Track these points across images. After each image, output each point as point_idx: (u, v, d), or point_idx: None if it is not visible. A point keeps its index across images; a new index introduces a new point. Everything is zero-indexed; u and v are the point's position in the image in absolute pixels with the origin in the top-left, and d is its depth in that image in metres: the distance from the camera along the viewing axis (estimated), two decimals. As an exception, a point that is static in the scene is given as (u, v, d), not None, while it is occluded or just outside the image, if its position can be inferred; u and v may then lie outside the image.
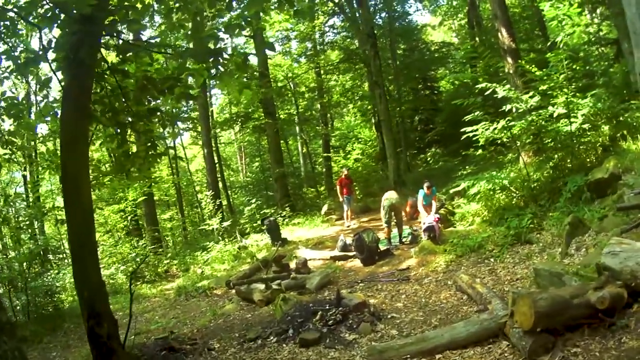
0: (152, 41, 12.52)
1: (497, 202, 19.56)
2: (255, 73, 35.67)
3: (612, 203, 14.09)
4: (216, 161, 42.67)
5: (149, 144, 12.23)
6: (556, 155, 18.81)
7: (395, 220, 21.15)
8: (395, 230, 21.27)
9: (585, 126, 17.85)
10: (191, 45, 12.41)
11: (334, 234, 26.35)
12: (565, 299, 8.05)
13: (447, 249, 17.51)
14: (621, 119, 19.44)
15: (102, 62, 10.71)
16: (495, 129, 18.28)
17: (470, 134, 19.14)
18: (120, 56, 11.08)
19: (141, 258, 26.50)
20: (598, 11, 27.11)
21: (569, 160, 18.28)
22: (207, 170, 39.32)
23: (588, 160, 18.65)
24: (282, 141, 42.54)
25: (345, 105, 51.37)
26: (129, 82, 11.53)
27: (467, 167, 24.87)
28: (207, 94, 41.35)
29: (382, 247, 20.04)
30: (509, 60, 23.03)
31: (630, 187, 13.69)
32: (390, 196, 20.93)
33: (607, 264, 8.51)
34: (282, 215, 31.72)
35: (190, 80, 12.42)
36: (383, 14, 44.47)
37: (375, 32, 38.52)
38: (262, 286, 16.96)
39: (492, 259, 15.35)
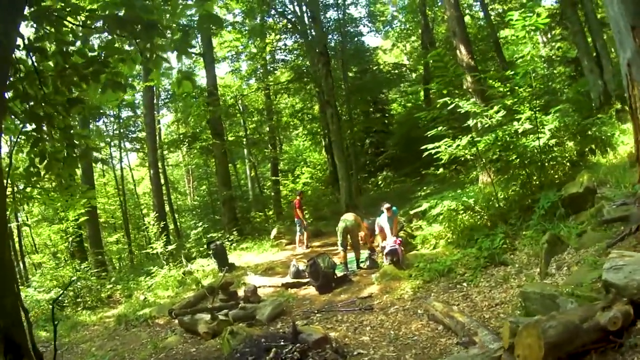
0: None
1: (462, 223, 18.56)
2: (204, 93, 35.72)
3: (590, 217, 13.58)
4: (163, 183, 41.66)
5: (68, 144, 9.78)
6: (523, 172, 18.00)
7: (351, 244, 19.88)
8: (351, 255, 19.92)
9: (552, 142, 17.63)
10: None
11: (285, 259, 24.98)
12: (575, 324, 6.98)
13: (412, 274, 16.19)
14: (589, 133, 19.60)
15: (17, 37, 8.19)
16: (458, 145, 17.51)
17: (433, 151, 18.18)
18: (35, 26, 8.72)
19: (74, 282, 24.37)
20: (554, 32, 26.34)
21: (535, 177, 17.81)
22: (153, 192, 37.27)
23: (557, 176, 18.24)
24: (230, 164, 41.44)
25: (295, 128, 50.49)
26: (47, 64, 9.17)
27: (424, 187, 24.82)
28: (155, 112, 40.25)
29: (338, 273, 18.65)
30: (468, 77, 22.16)
31: (610, 200, 13.36)
32: (346, 218, 19.79)
33: (610, 280, 7.69)
34: (230, 239, 30.28)
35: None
36: (335, 35, 43.44)
37: (328, 51, 37.39)
38: (207, 316, 15.03)
39: (464, 284, 14.17)
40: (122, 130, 46.59)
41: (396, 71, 45.74)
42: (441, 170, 23.00)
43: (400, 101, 49.59)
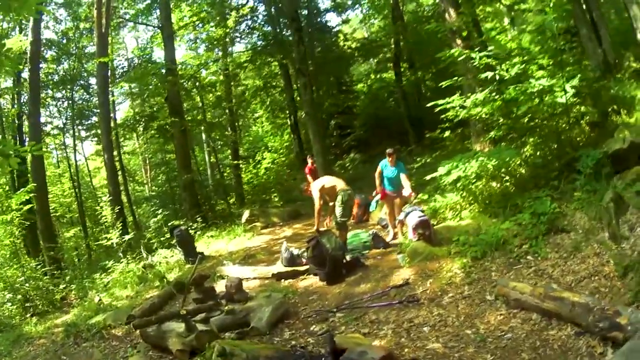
0: None
1: (484, 190, 15.09)
2: (161, 68, 32.51)
3: (640, 174, 11.05)
4: (119, 169, 38.23)
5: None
6: (544, 133, 15.29)
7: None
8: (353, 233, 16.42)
9: (575, 99, 15.12)
10: None
11: (265, 245, 21.01)
12: None
13: (451, 250, 12.49)
14: (612, 91, 16.89)
15: None
16: (474, 101, 14.64)
17: (449, 106, 15.21)
18: None
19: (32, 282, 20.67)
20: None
21: (563, 138, 14.98)
22: (108, 178, 33.16)
23: (578, 138, 15.61)
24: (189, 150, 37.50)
25: (255, 111, 49.13)
26: None
27: (417, 158, 23.09)
28: (109, 92, 36.32)
29: (347, 257, 14.31)
30: (458, 42, 19.08)
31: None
32: (344, 186, 15.65)
33: None
34: (193, 227, 26.07)
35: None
36: (304, 11, 39.88)
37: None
38: (180, 326, 10.49)
39: (529, 257, 10.97)
40: (75, 115, 43.50)
41: (364, 47, 42.26)
42: (447, 133, 20.70)
43: (366, 81, 46.51)
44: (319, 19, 42.33)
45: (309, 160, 25.25)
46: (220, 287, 14.50)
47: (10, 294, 20.44)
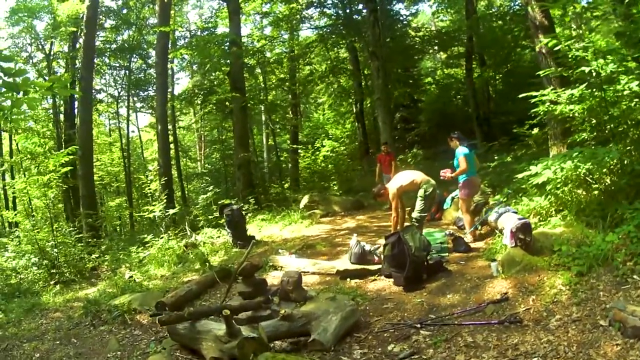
0: None
1: (572, 197, 12.62)
2: (225, 41, 30.05)
3: None
4: (172, 142, 36.37)
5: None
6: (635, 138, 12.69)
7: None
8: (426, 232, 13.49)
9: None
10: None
11: (326, 235, 18.28)
12: None
13: (551, 262, 9.91)
14: None
15: None
16: (569, 97, 12.49)
17: (539, 99, 13.08)
18: None
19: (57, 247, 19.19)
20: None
21: None
22: (159, 150, 31.06)
23: None
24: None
25: (318, 96, 46.50)
26: None
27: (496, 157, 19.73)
28: (167, 64, 34.44)
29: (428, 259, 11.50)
30: (540, 37, 16.57)
31: None
32: (426, 177, 13.81)
33: None
34: (245, 208, 23.54)
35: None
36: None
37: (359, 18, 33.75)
38: (220, 328, 7.90)
39: (635, 276, 8.53)
40: (131, 85, 41.93)
41: (437, 38, 39.85)
42: (536, 130, 18.29)
43: (433, 76, 44.31)
44: (389, 7, 39.46)
45: (383, 148, 23.19)
46: (271, 279, 12.31)
47: (36, 258, 19.10)
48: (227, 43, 29.83)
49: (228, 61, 29.56)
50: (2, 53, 6.93)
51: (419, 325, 8.38)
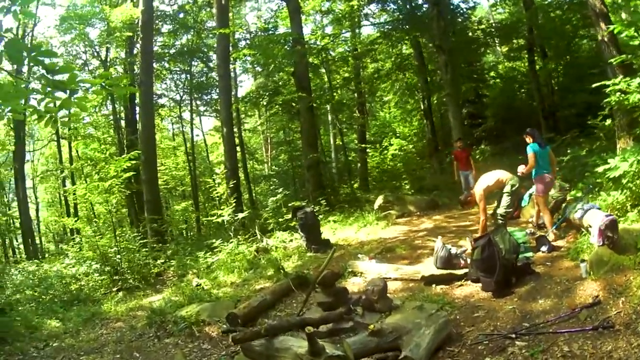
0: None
1: None
2: (288, 40, 28.88)
3: None
4: (237, 144, 35.48)
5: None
6: None
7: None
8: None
9: None
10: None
11: (403, 237, 17.10)
12: None
13: (637, 260, 9.04)
14: None
15: None
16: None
17: (612, 88, 12.92)
18: None
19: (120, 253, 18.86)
20: None
21: None
22: (225, 153, 30.69)
23: None
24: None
25: (383, 94, 44.89)
26: None
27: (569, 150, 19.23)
28: (230, 66, 33.95)
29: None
30: (602, 25, 16.19)
31: None
32: (510, 174, 13.28)
33: None
34: (316, 210, 22.25)
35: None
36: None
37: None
38: (300, 345, 7.04)
39: None
40: (193, 88, 41.44)
41: (500, 30, 38.10)
42: (608, 121, 17.09)
43: (495, 70, 42.56)
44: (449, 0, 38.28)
45: (457, 144, 22.14)
46: (351, 286, 11.36)
47: (98, 264, 18.75)
48: (290, 43, 29.16)
49: (291, 61, 28.82)
50: (43, 48, 6.24)
51: (513, 336, 7.73)
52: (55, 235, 48.66)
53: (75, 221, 24.90)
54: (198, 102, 42.84)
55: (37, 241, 43.13)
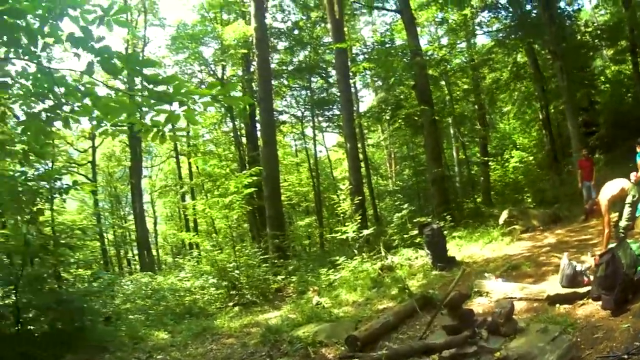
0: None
1: None
2: (406, 53, 28.67)
3: None
4: (362, 161, 35.25)
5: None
6: None
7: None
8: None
9: None
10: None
11: (528, 253, 15.89)
12: None
13: None
14: None
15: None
16: None
17: None
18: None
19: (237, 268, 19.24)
20: None
21: None
22: (349, 168, 30.58)
23: None
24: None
25: (502, 105, 43.27)
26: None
27: None
28: (349, 80, 33.36)
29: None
30: None
31: None
32: (631, 183, 12.36)
33: None
34: (441, 226, 21.00)
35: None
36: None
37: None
38: None
39: None
40: (314, 104, 41.04)
41: (604, 35, 36.13)
42: None
43: (604, 75, 40.50)
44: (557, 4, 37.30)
45: (583, 153, 21.39)
46: (476, 307, 10.65)
47: (215, 279, 19.28)
48: (408, 55, 28.70)
49: (411, 74, 28.51)
50: (144, 57, 5.88)
51: (625, 357, 7.05)
52: (173, 248, 50.01)
53: (193, 236, 25.09)
54: (320, 119, 42.64)
55: (154, 253, 44.68)
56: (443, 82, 35.79)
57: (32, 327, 12.61)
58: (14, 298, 12.17)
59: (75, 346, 11.75)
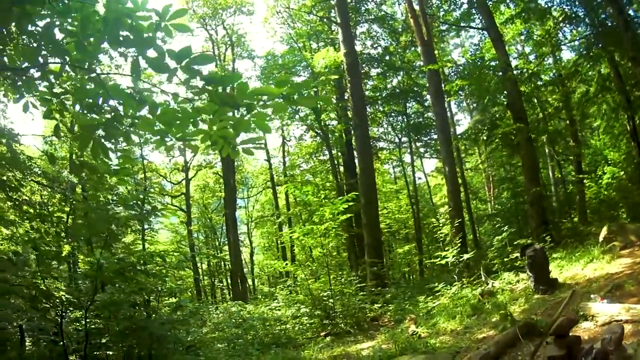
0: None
1: None
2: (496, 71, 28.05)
3: None
4: (460, 183, 34.41)
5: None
6: None
7: None
8: None
9: None
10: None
11: (628, 270, 14.70)
12: None
13: None
14: None
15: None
16: None
17: None
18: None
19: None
20: None
21: None
22: (448, 192, 29.48)
23: None
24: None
25: (592, 120, 41.26)
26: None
27: None
28: (444, 102, 32.60)
29: None
30: None
31: None
32: None
33: None
34: (543, 247, 19.72)
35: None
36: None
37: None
38: None
39: None
40: (410, 129, 40.29)
41: None
42: None
43: None
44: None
45: None
46: (581, 332, 9.51)
47: (308, 308, 19.02)
48: (499, 73, 28.07)
49: (504, 93, 28.27)
50: (193, 51, 5.59)
51: None
52: (269, 277, 50.28)
53: (286, 264, 24.38)
54: (417, 144, 42.11)
55: (250, 283, 45.89)
56: (535, 100, 35.14)
57: (97, 353, 12.42)
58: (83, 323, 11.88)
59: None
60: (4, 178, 14.42)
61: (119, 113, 6.14)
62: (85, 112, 6.49)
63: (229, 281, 44.96)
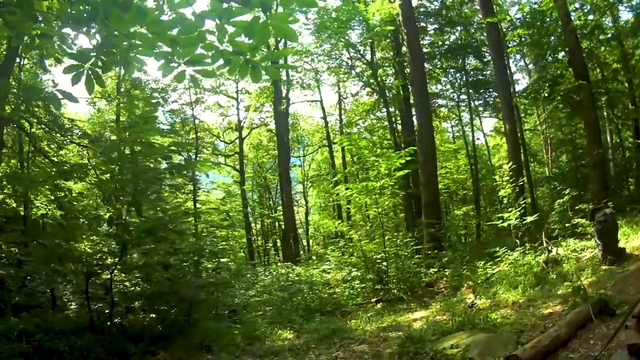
0: None
1: None
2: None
3: None
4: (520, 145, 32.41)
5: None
6: None
7: None
8: None
9: None
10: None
11: None
12: None
13: None
14: None
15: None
16: None
17: None
18: None
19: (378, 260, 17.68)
20: None
21: None
22: (508, 152, 28.88)
23: None
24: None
25: None
26: None
27: None
28: (504, 58, 31.29)
29: None
30: None
31: None
32: None
33: None
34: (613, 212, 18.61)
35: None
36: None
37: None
38: None
39: None
40: (469, 87, 38.90)
41: None
42: None
43: None
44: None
45: None
46: None
47: (360, 271, 17.80)
48: (559, 27, 26.75)
49: (565, 50, 27.30)
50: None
51: None
52: (324, 238, 48.50)
53: (339, 224, 22.98)
54: (477, 102, 40.74)
55: (304, 244, 45.86)
56: (594, 60, 33.27)
57: (120, 320, 11.81)
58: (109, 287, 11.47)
59: (175, 342, 10.63)
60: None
61: (112, 32, 4.97)
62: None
63: (281, 242, 44.41)
